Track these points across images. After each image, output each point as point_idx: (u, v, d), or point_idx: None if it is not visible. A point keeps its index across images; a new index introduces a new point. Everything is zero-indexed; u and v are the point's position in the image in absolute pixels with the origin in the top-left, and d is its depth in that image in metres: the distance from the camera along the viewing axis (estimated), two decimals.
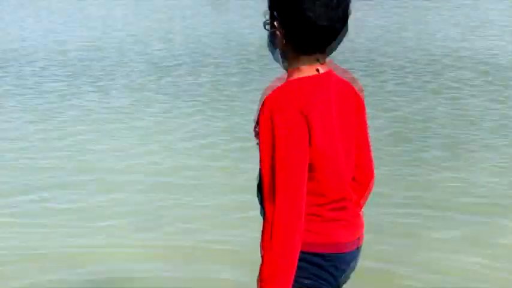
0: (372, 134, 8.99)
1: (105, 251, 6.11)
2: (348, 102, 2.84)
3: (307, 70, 2.73)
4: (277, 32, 2.72)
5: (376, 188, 7.45)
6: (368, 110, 10.06)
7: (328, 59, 2.82)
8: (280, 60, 2.80)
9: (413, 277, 5.54)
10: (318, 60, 2.73)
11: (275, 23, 2.72)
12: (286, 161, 2.53)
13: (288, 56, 2.76)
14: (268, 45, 2.87)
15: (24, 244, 6.27)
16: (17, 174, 8.20)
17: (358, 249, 2.86)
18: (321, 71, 2.74)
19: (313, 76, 2.71)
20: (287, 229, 2.50)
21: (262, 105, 2.60)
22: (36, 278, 5.56)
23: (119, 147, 9.16)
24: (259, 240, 2.60)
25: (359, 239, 2.87)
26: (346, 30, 2.80)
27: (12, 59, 13.59)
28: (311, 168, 2.64)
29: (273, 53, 2.82)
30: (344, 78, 2.89)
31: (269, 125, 2.55)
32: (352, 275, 5.18)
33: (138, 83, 12.14)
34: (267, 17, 2.64)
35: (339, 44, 2.80)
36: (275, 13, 2.71)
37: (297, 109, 2.56)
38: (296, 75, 2.73)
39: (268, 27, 2.80)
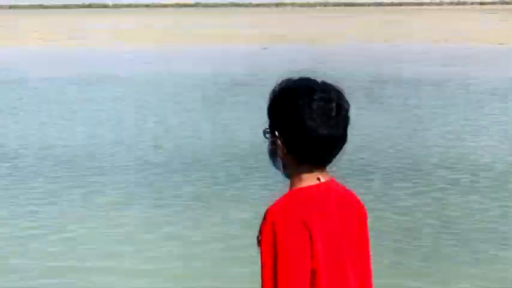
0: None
1: None
2: (350, 213, 2.81)
3: (309, 181, 2.73)
4: (278, 143, 2.74)
5: None
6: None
7: (328, 176, 2.80)
8: (281, 169, 2.80)
9: None
10: (318, 180, 2.74)
11: (276, 133, 2.74)
12: (288, 271, 2.54)
13: (289, 168, 2.77)
14: (268, 155, 2.87)
15: None
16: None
17: None
18: (322, 180, 2.74)
19: (315, 186, 2.71)
20: None
21: (265, 215, 2.63)
22: None
23: (103, 244, 9.09)
24: None
25: None
26: (346, 140, 2.79)
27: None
28: (313, 275, 2.62)
29: (273, 162, 2.83)
30: (347, 189, 2.87)
31: (271, 235, 2.58)
32: None
33: (125, 182, 11.98)
34: (266, 125, 2.74)
35: (336, 155, 2.80)
36: (275, 124, 2.75)
37: (298, 219, 2.58)
38: (298, 186, 2.73)
39: (268, 136, 2.82)
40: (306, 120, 2.67)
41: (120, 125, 17.04)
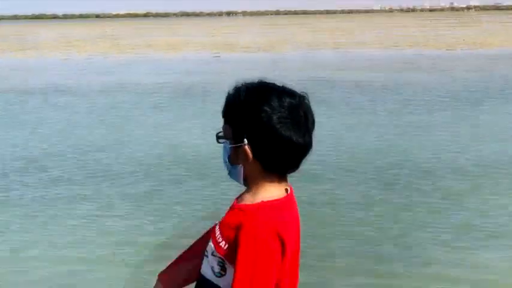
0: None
1: None
2: (297, 219, 2.78)
3: (277, 190, 2.67)
4: (245, 148, 2.61)
5: None
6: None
7: (288, 184, 2.75)
8: (241, 175, 2.69)
9: None
10: (286, 191, 2.69)
11: (244, 139, 2.61)
12: (261, 283, 2.50)
13: (251, 175, 2.66)
14: (225, 160, 2.74)
15: None
16: None
17: None
18: (289, 190, 2.70)
19: (285, 198, 2.66)
20: None
21: (242, 228, 2.54)
22: None
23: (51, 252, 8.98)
24: None
25: None
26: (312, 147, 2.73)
27: None
28: (278, 284, 2.60)
29: (229, 168, 2.71)
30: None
31: (249, 249, 2.50)
32: None
33: (72, 190, 11.88)
34: (220, 129, 2.60)
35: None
36: (241, 129, 2.61)
37: (275, 235, 2.53)
38: (265, 196, 2.64)
39: (222, 141, 2.71)
40: (280, 127, 2.56)
41: (69, 134, 16.92)
